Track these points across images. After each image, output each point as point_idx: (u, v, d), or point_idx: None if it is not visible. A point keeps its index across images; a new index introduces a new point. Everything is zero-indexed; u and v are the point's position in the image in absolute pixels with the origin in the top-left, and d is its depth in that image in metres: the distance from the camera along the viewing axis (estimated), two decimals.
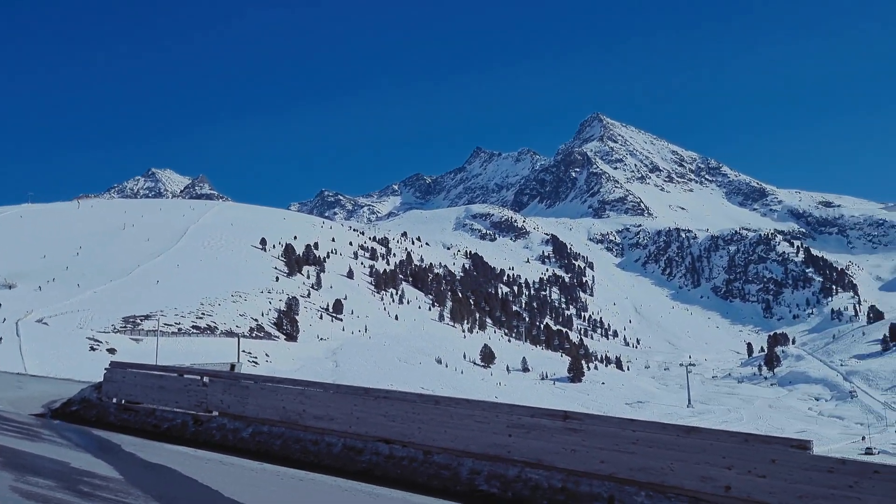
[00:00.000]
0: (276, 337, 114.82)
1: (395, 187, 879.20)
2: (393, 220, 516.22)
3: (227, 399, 10.66)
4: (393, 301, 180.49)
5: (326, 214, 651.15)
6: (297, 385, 10.20)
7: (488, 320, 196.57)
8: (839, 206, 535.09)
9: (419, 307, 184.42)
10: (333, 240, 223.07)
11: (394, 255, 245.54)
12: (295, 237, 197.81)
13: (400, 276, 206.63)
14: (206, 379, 11.20)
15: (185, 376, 11.68)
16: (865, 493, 5.82)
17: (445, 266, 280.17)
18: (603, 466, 7.32)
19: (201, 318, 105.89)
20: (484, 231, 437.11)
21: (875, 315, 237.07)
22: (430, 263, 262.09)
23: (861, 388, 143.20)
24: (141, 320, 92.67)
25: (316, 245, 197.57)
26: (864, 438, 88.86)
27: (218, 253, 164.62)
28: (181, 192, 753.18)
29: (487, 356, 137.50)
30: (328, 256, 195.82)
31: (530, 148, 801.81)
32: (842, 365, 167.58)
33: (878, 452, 78.53)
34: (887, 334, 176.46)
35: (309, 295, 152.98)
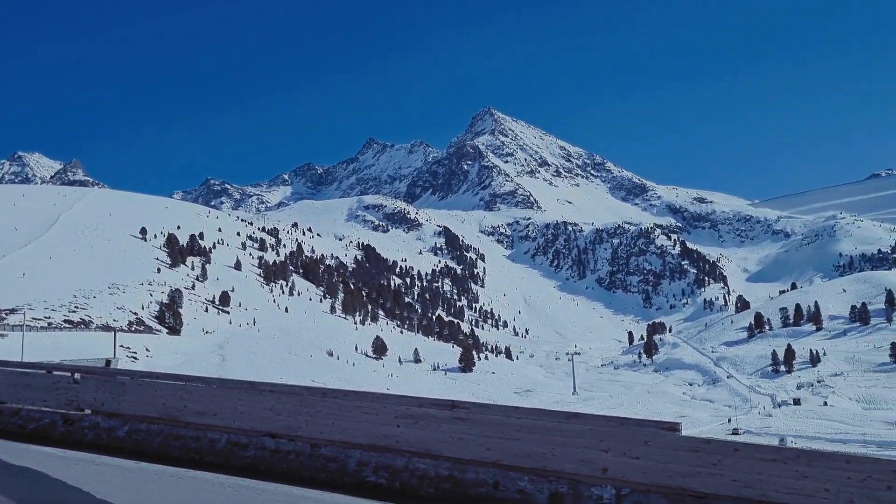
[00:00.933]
0: (157, 331, 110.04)
1: (286, 177, 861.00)
2: (283, 211, 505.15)
3: (100, 396, 10.12)
4: (283, 293, 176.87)
5: (213, 204, 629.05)
6: (178, 380, 9.81)
7: (381, 312, 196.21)
8: (712, 202, 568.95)
9: (310, 299, 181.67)
10: (220, 230, 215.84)
11: (284, 245, 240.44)
12: (178, 227, 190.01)
13: (290, 267, 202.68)
14: (77, 375, 10.58)
15: (55, 373, 10.99)
16: (727, 470, 6.23)
17: (337, 257, 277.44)
18: (489, 453, 7.45)
19: (74, 311, 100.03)
20: (377, 222, 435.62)
21: (742, 305, 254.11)
22: (322, 255, 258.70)
23: (730, 373, 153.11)
24: (6, 314, 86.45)
25: (201, 235, 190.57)
26: (730, 420, 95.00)
27: (93, 243, 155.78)
28: (51, 178, 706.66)
29: (380, 348, 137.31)
30: (214, 247, 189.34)
31: (423, 140, 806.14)
32: (713, 351, 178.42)
33: (744, 432, 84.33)
34: (752, 322, 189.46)
35: (193, 287, 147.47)
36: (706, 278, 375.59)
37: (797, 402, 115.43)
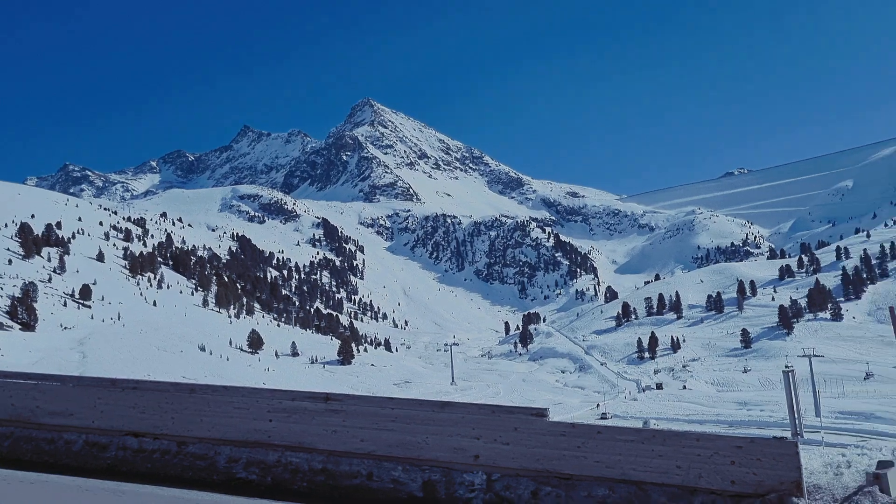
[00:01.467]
0: (8, 327, 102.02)
1: (154, 164, 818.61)
2: (151, 200, 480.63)
3: None
4: (151, 286, 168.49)
5: (72, 191, 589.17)
6: (30, 379, 9.14)
7: (256, 305, 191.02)
8: (584, 196, 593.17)
9: (181, 292, 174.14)
10: (80, 219, 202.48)
11: (152, 236, 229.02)
12: (32, 215, 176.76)
13: (159, 259, 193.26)
14: None
15: None
16: (590, 452, 6.54)
17: (210, 249, 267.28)
18: (363, 444, 7.45)
19: None
20: (252, 213, 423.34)
21: (611, 295, 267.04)
22: (194, 246, 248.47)
23: (599, 360, 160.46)
24: None
25: (59, 224, 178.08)
26: (598, 405, 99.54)
27: None
28: None
29: (255, 342, 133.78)
30: (74, 237, 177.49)
31: (301, 129, 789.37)
32: (584, 340, 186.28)
33: (612, 416, 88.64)
34: (620, 312, 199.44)
35: (50, 280, 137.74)
36: (578, 270, 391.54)
37: (660, 386, 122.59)
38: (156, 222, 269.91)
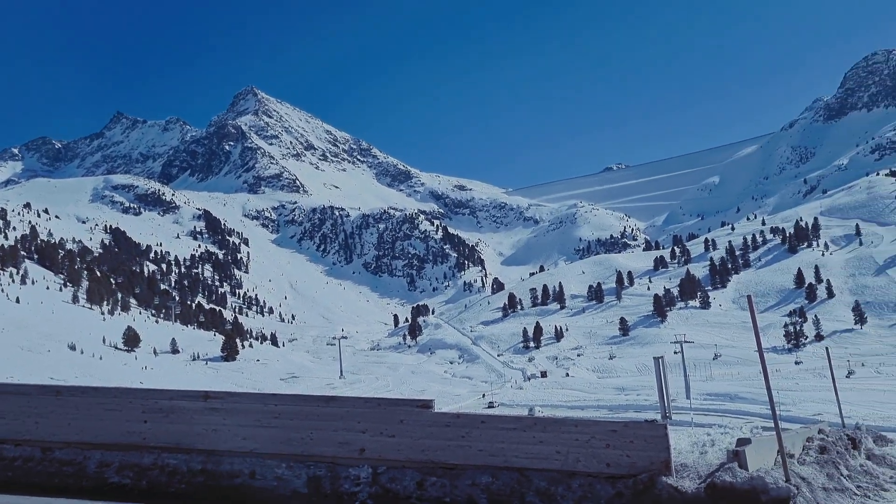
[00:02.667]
0: None
1: (16, 151, 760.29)
2: (13, 189, 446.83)
3: None
4: (13, 281, 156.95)
5: None
6: None
7: (132, 301, 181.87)
8: (471, 189, 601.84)
9: (48, 288, 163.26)
10: None
11: (14, 228, 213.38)
12: None
13: (22, 252, 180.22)
14: None
15: None
16: (474, 441, 6.67)
17: (81, 242, 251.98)
18: (246, 443, 7.27)
19: None
20: (127, 204, 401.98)
21: (497, 286, 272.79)
22: (62, 238, 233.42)
23: (486, 350, 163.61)
24: None
25: None
26: (484, 395, 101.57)
27: None
28: None
29: (131, 339, 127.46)
30: None
31: (180, 117, 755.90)
32: (472, 331, 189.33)
33: (498, 405, 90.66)
34: (506, 303, 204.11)
35: None
36: (466, 262, 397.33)
37: (544, 374, 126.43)
38: (18, 213, 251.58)
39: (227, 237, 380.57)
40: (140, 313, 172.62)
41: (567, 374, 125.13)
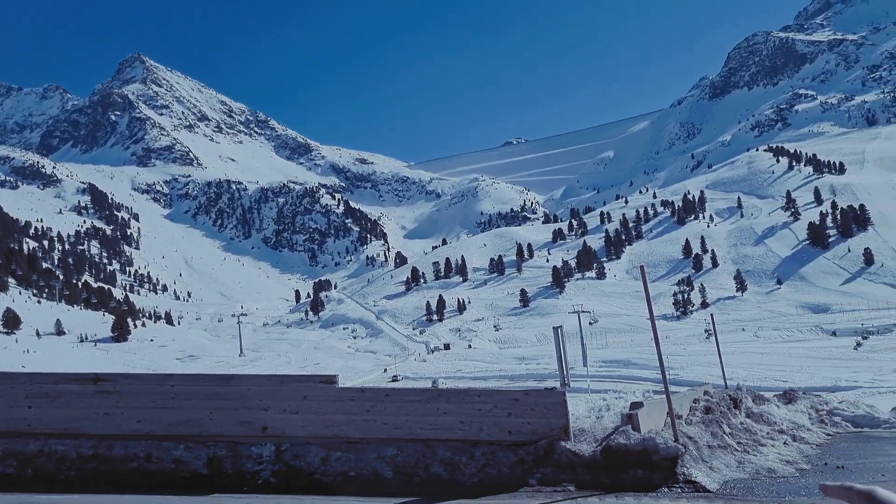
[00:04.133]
0: None
1: None
2: None
3: None
4: None
5: None
6: None
7: (11, 280, 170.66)
8: (373, 163, 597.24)
9: None
10: None
11: None
12: None
13: None
14: None
15: None
16: (379, 414, 6.68)
17: None
18: (140, 426, 7.01)
19: None
20: (3, 177, 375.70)
21: (400, 260, 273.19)
22: None
23: (390, 324, 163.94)
24: None
25: None
26: (385, 370, 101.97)
27: None
28: None
29: (11, 321, 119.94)
30: None
31: (60, 85, 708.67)
32: (375, 305, 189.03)
33: (402, 378, 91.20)
34: (409, 277, 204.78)
35: None
36: (368, 236, 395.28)
37: (447, 346, 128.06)
38: None
39: (116, 212, 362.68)
40: (20, 293, 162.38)
41: (470, 346, 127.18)
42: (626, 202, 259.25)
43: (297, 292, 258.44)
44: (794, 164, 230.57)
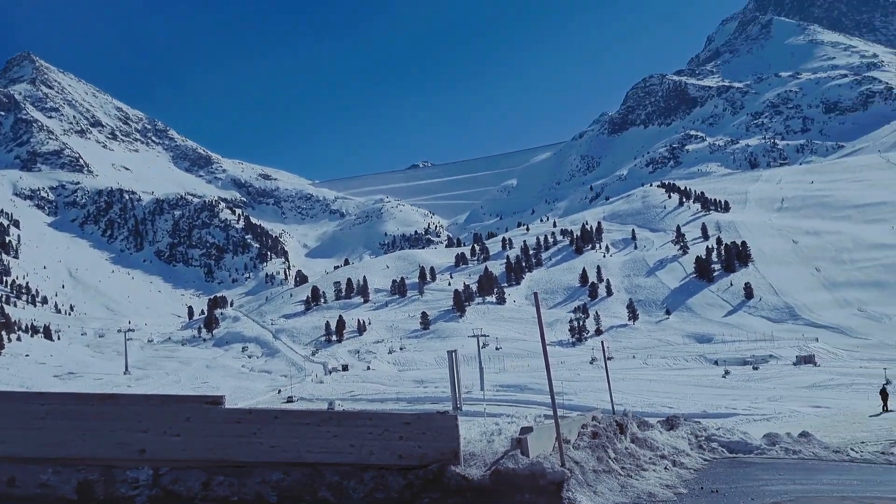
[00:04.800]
0: None
1: None
2: None
3: None
4: None
5: None
6: None
7: None
8: (276, 179, 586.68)
9: None
10: None
11: None
12: None
13: None
14: None
15: None
16: (266, 437, 6.49)
17: None
18: (4, 447, 6.53)
19: None
20: None
21: (301, 279, 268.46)
22: None
23: (287, 344, 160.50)
24: None
25: None
26: (280, 391, 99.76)
27: None
28: None
29: None
30: None
31: None
32: (272, 324, 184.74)
33: (298, 399, 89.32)
34: (310, 296, 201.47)
35: None
36: (269, 253, 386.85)
37: (346, 367, 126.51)
38: None
39: None
40: None
41: (369, 368, 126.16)
42: (528, 229, 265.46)
43: (191, 308, 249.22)
44: (684, 200, 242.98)
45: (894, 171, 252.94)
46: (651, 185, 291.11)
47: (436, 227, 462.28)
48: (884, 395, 39.08)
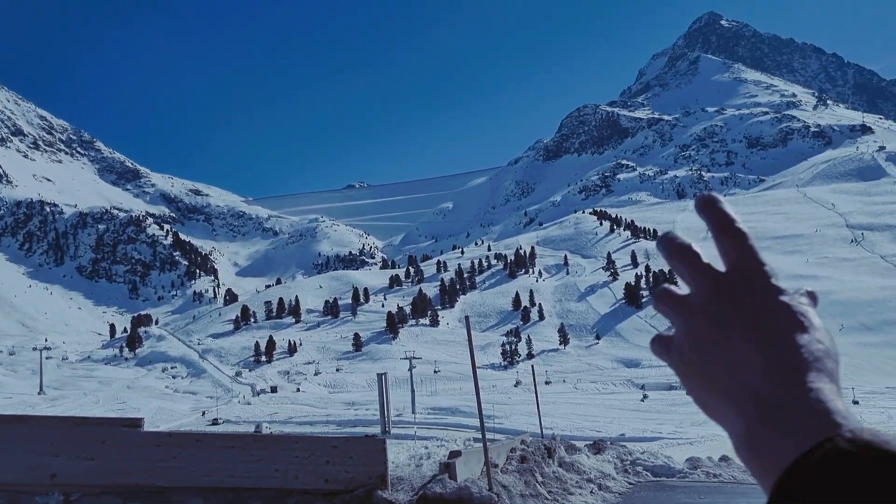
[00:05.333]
0: None
1: None
2: None
3: None
4: None
5: None
6: None
7: None
8: (207, 195, 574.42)
9: None
10: None
11: None
12: None
13: None
14: None
15: None
16: (186, 462, 6.27)
17: None
18: None
19: None
20: None
21: (231, 298, 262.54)
22: None
23: (214, 364, 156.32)
24: None
25: None
26: (204, 413, 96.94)
27: None
28: None
29: None
30: None
31: None
32: (199, 343, 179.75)
33: (223, 422, 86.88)
34: (239, 315, 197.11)
35: None
36: (198, 271, 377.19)
37: (274, 389, 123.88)
38: None
39: None
40: None
41: (298, 389, 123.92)
42: (463, 253, 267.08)
43: (113, 326, 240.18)
44: (615, 227, 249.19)
45: (810, 206, 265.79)
46: (584, 212, 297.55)
47: (371, 248, 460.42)
48: None
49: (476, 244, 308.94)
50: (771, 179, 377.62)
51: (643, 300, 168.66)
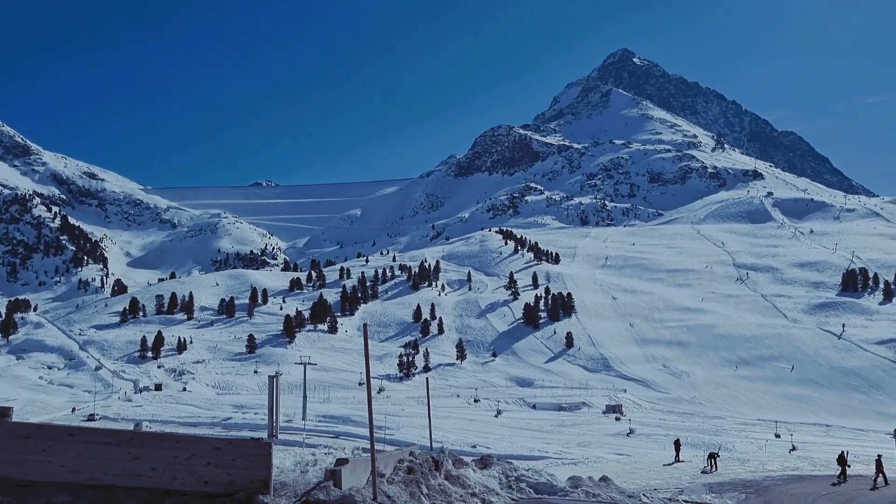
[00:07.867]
0: None
1: None
2: None
3: None
4: None
5: None
6: None
7: None
8: (103, 179, 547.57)
9: None
10: None
11: None
12: None
13: None
14: None
15: None
16: (57, 456, 5.98)
17: None
18: None
19: None
20: None
21: (120, 288, 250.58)
22: None
23: (95, 357, 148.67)
24: None
25: None
26: (74, 409, 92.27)
27: None
28: None
29: None
30: None
31: None
32: (80, 334, 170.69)
33: (100, 418, 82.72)
34: (127, 308, 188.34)
35: None
36: (86, 258, 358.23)
37: (159, 387, 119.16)
38: None
39: None
40: None
41: (185, 389, 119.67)
42: (367, 261, 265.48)
43: None
44: (518, 248, 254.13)
45: (703, 242, 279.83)
46: (490, 231, 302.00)
47: (273, 248, 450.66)
48: (677, 446, 43.04)
49: (382, 253, 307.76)
50: (668, 214, 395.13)
51: (541, 321, 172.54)
